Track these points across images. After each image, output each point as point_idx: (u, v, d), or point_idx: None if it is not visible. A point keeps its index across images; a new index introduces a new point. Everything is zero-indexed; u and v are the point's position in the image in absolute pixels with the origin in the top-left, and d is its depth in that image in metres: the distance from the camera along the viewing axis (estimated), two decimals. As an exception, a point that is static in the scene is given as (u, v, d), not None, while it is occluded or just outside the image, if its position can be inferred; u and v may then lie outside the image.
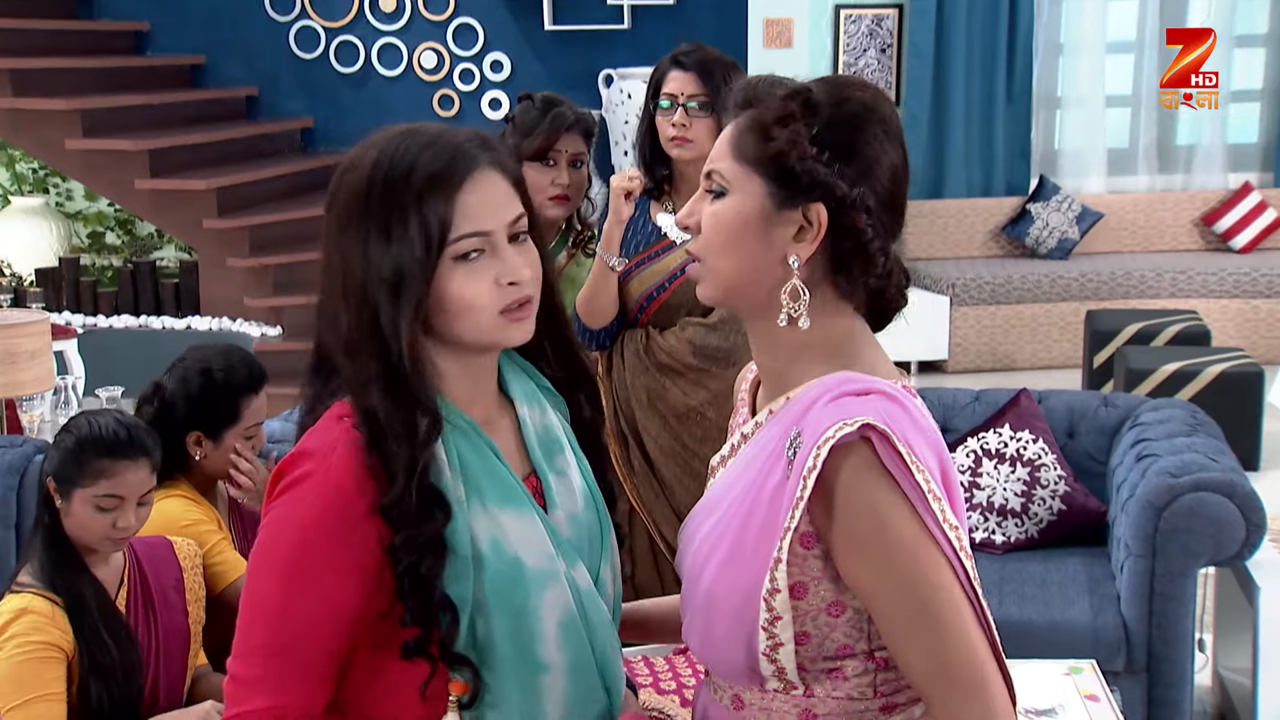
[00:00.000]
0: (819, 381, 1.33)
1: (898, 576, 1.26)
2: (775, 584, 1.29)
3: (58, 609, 2.09)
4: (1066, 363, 6.55)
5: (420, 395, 1.34)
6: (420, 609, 1.33)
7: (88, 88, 6.70)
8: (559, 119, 2.86)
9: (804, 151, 1.31)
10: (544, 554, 1.39)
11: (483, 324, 1.37)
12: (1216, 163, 7.22)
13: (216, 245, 6.44)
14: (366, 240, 1.34)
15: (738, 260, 1.36)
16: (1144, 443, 3.31)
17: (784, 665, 1.32)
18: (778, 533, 1.29)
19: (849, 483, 1.25)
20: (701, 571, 1.37)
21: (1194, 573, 3.04)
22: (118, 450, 2.14)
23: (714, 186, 1.37)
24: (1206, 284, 6.68)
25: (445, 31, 7.23)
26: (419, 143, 1.36)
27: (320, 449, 1.35)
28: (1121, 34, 7.23)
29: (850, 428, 1.24)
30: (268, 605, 1.34)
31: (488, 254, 1.36)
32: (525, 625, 1.37)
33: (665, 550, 2.87)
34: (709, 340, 2.81)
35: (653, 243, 2.86)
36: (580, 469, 1.52)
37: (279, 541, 1.35)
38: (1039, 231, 7.01)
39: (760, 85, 1.36)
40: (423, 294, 1.34)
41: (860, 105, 1.34)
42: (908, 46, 6.97)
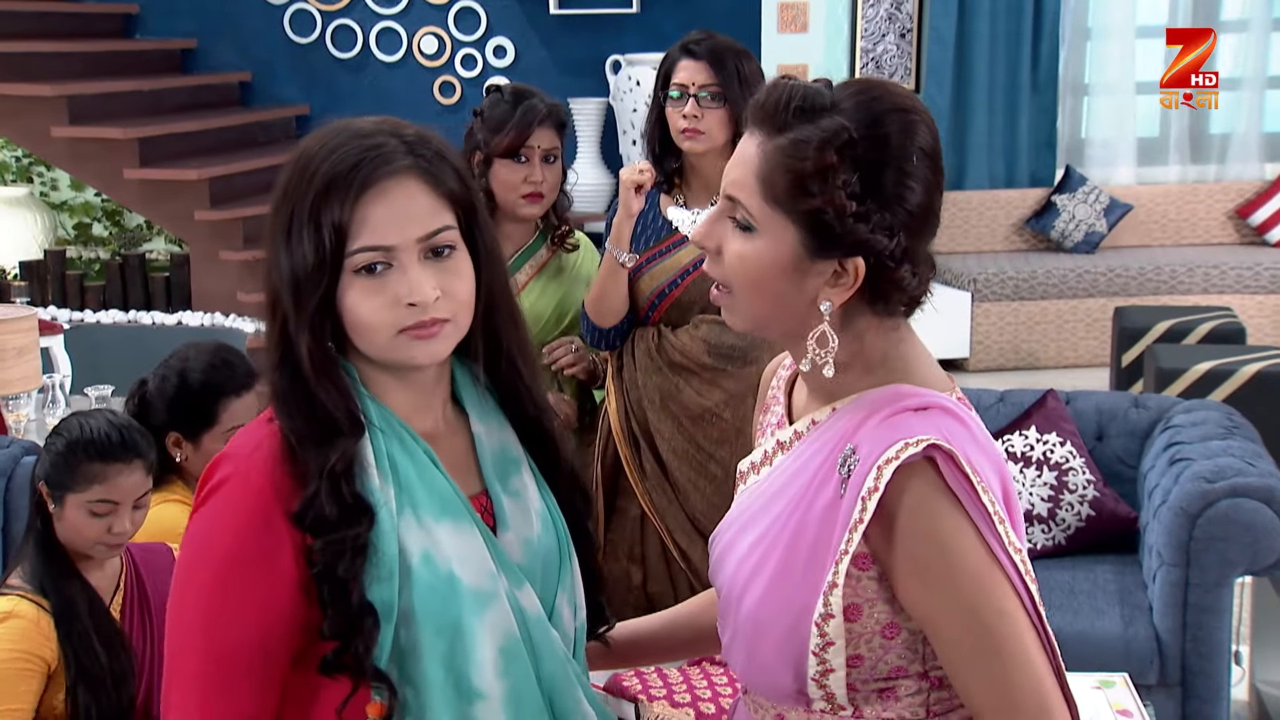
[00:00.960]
0: (872, 394, 1.32)
1: (961, 602, 1.24)
2: (829, 609, 1.27)
3: (44, 614, 2.08)
4: (1093, 361, 6.50)
5: (326, 404, 1.33)
6: (340, 617, 1.29)
7: (74, 73, 6.62)
8: (530, 113, 2.78)
9: (843, 210, 1.26)
10: (483, 572, 1.35)
11: (379, 342, 1.34)
12: (1252, 152, 7.13)
13: (209, 237, 6.37)
14: (274, 241, 1.34)
15: (767, 300, 1.33)
16: (1177, 446, 3.27)
17: (834, 690, 1.30)
18: (830, 554, 1.27)
19: (913, 506, 1.24)
20: (744, 592, 1.34)
21: (1230, 582, 3.00)
22: (110, 454, 2.13)
23: (739, 219, 1.32)
24: (1241, 279, 6.59)
25: (446, 15, 7.15)
26: (338, 140, 1.32)
27: (239, 451, 1.34)
28: (1152, 18, 7.15)
29: (915, 448, 1.23)
30: (196, 628, 1.31)
31: (393, 269, 1.32)
32: (459, 647, 1.32)
33: (678, 557, 2.81)
34: (725, 338, 2.74)
35: (664, 237, 2.82)
36: (540, 491, 1.48)
37: (199, 557, 1.33)
38: (1065, 224, 6.93)
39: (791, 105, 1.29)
40: (318, 303, 1.32)
41: (900, 134, 1.28)
42: (928, 31, 6.89)
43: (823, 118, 1.27)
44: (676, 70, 2.73)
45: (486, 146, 2.75)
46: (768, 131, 1.30)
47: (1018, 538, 1.28)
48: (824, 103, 1.29)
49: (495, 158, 2.75)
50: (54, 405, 3.78)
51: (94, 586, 2.15)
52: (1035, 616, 1.26)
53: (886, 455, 1.23)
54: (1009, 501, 1.30)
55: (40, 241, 7.26)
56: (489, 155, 2.74)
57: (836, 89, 1.31)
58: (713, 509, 2.76)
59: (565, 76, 6.98)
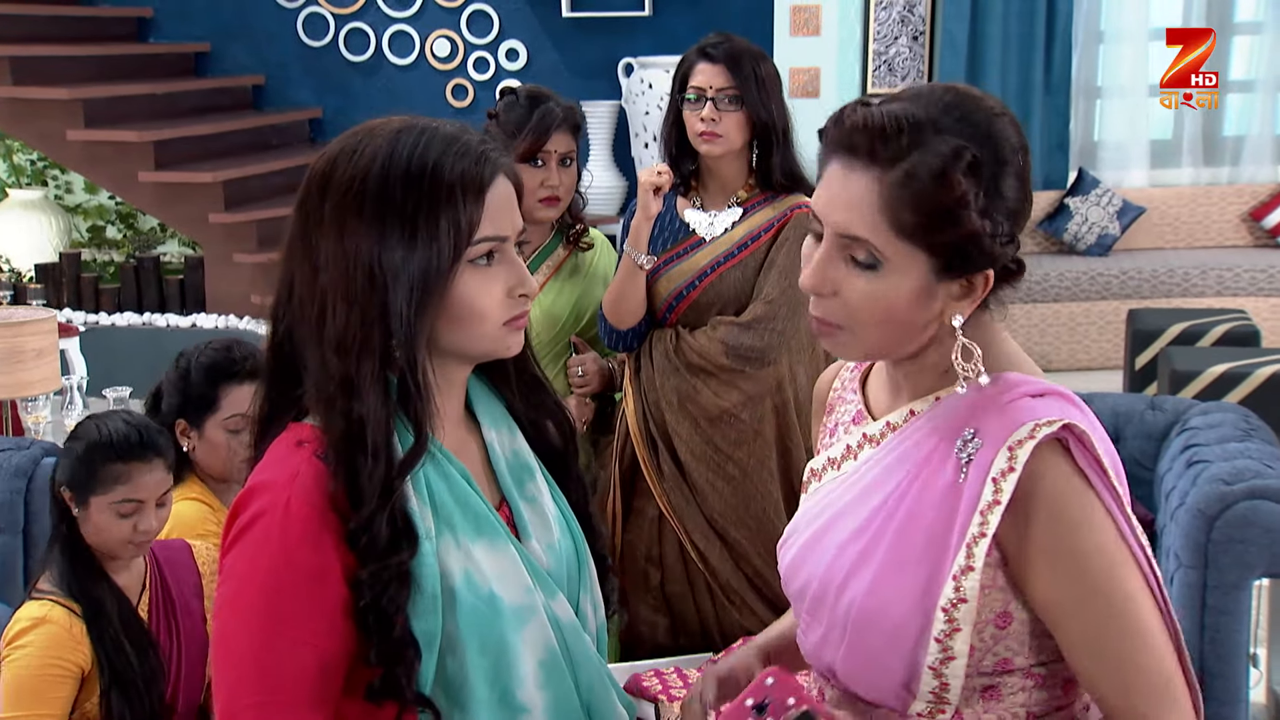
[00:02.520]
0: (981, 382, 1.30)
1: (1093, 585, 1.24)
2: (961, 593, 1.25)
3: (76, 620, 2.08)
4: (1106, 364, 6.45)
5: (421, 403, 1.30)
6: (384, 646, 1.27)
7: (89, 76, 6.66)
8: (547, 117, 2.78)
9: (980, 233, 1.26)
10: (521, 588, 1.35)
11: (488, 333, 1.34)
12: (1265, 154, 7.07)
13: (223, 240, 6.39)
14: (382, 236, 1.29)
15: (894, 331, 1.32)
16: (1194, 448, 3.20)
17: (949, 680, 1.28)
18: (952, 538, 1.26)
19: (1048, 487, 1.23)
20: (846, 584, 1.32)
21: (1248, 585, 2.93)
22: (130, 453, 2.13)
23: (863, 258, 1.29)
24: (1255, 282, 6.53)
25: (459, 18, 7.16)
26: (439, 141, 1.32)
27: (276, 481, 1.29)
28: (1166, 20, 7.06)
29: (1049, 428, 1.23)
30: (244, 661, 1.26)
31: (498, 260, 1.34)
32: (503, 665, 1.31)
33: (696, 558, 2.79)
34: (743, 340, 2.73)
35: (681, 239, 2.81)
36: (553, 494, 1.48)
37: (245, 592, 1.28)
38: (1078, 227, 6.88)
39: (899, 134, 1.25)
40: (444, 296, 1.30)
41: (1006, 140, 1.28)
42: (941, 34, 6.84)
43: (932, 142, 1.25)
44: (694, 73, 2.73)
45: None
46: (878, 164, 1.26)
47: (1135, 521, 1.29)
48: (925, 122, 1.26)
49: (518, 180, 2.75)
50: (71, 407, 3.80)
51: (121, 588, 2.16)
52: (1161, 600, 1.26)
53: (1017, 436, 1.23)
54: (1123, 485, 1.30)
55: (55, 244, 7.26)
56: None
57: (926, 102, 1.28)
58: (730, 510, 2.75)
59: (577, 79, 6.98)
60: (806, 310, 2.93)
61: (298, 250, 1.33)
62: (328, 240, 1.30)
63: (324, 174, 1.32)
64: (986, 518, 1.24)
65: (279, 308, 1.35)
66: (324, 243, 1.30)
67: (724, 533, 2.76)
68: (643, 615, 2.84)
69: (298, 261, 1.32)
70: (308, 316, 1.31)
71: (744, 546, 2.75)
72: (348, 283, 1.29)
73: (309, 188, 1.33)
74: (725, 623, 2.77)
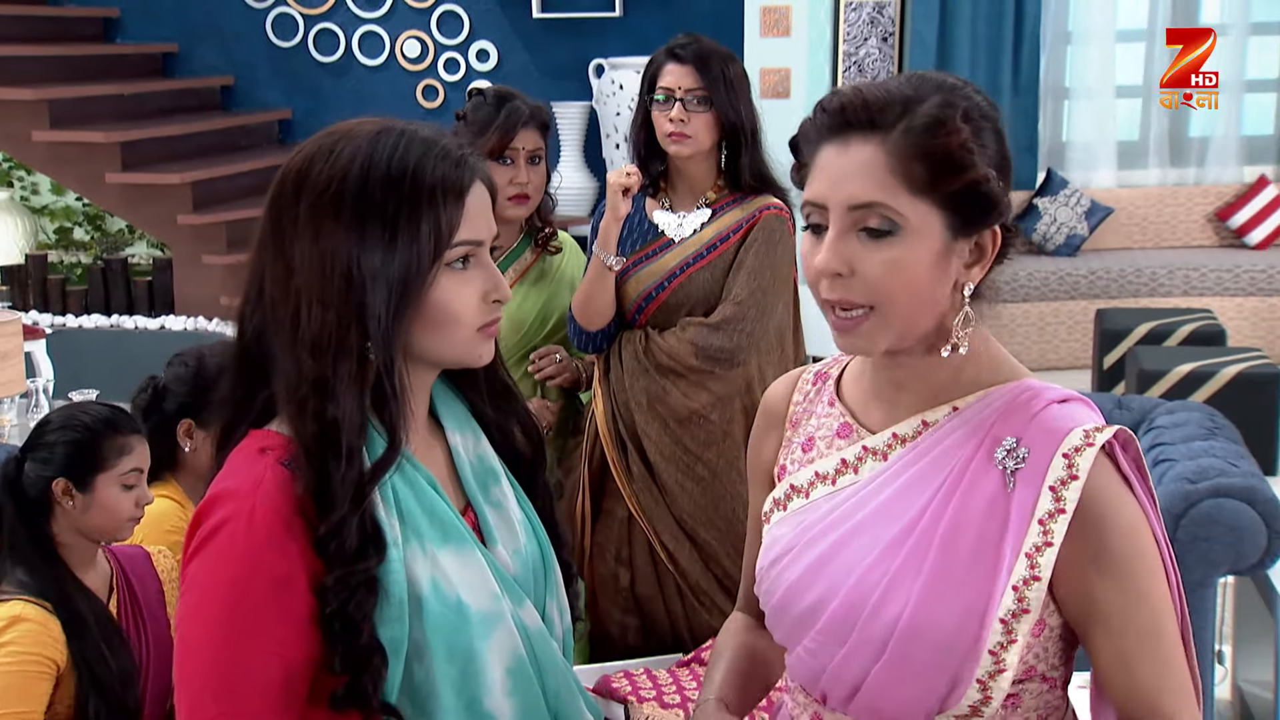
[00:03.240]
0: (1001, 390, 1.31)
1: (1138, 588, 1.25)
2: (1025, 604, 1.24)
3: (51, 617, 2.07)
4: (1075, 364, 6.48)
5: (396, 406, 1.29)
6: (351, 654, 1.25)
7: (55, 77, 6.58)
8: (513, 114, 2.79)
9: (988, 178, 1.26)
10: (488, 595, 1.33)
11: (462, 338, 1.33)
12: (1231, 155, 7.12)
13: (191, 242, 6.32)
14: (361, 237, 1.28)
15: (919, 302, 1.29)
16: (1160, 447, 3.24)
17: (993, 693, 1.26)
18: (1005, 549, 1.25)
19: (1102, 494, 1.24)
20: (885, 600, 1.28)
21: (1213, 582, 2.98)
22: (125, 425, 2.20)
23: (876, 225, 1.27)
24: (1221, 281, 6.59)
25: (429, 19, 7.12)
26: (418, 144, 1.31)
27: (240, 489, 1.27)
28: (1132, 22, 7.14)
29: (1103, 434, 1.24)
30: (206, 672, 1.24)
31: (474, 264, 1.33)
32: (471, 673, 1.30)
33: (665, 559, 2.79)
34: (712, 340, 2.73)
35: (650, 241, 2.81)
36: (518, 499, 1.47)
37: (207, 602, 1.25)
38: (1046, 227, 6.93)
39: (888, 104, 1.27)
40: (422, 299, 1.29)
41: (982, 102, 1.31)
42: (910, 35, 6.85)
43: (923, 104, 1.27)
44: (663, 74, 2.73)
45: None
46: (877, 132, 1.27)
47: None
48: (910, 94, 1.28)
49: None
50: (37, 410, 3.77)
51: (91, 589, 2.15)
52: (1178, 594, 1.28)
53: (1071, 443, 1.24)
54: None
55: (21, 246, 7.17)
56: None
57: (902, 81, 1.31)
58: (699, 510, 2.75)
59: (548, 80, 6.96)
60: (775, 311, 2.93)
61: (269, 249, 1.31)
62: (302, 240, 1.29)
63: (300, 173, 1.30)
64: (1048, 526, 1.24)
65: (248, 308, 1.33)
66: (298, 243, 1.29)
67: (693, 534, 2.76)
68: (613, 617, 2.84)
69: (269, 261, 1.31)
70: (280, 317, 1.29)
71: (714, 547, 2.75)
72: (324, 284, 1.27)
73: (282, 187, 1.31)
74: (695, 624, 2.77)
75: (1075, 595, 1.26)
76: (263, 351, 1.32)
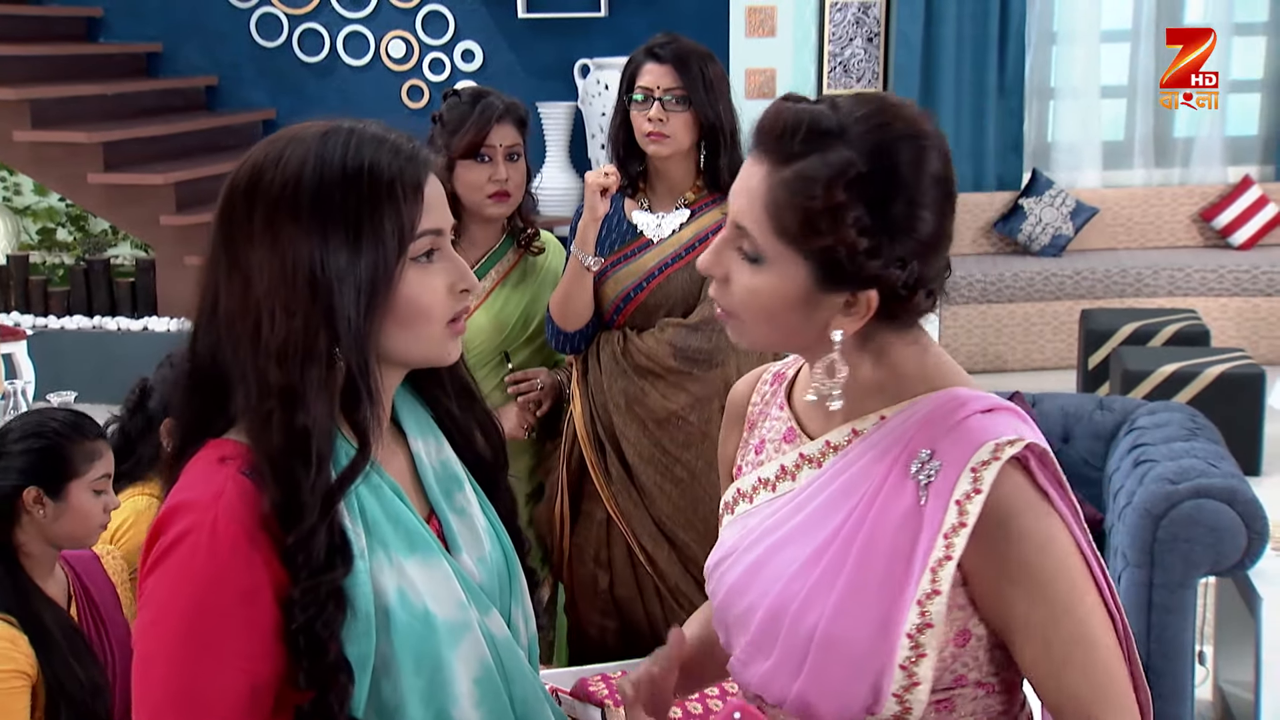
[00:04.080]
0: (928, 400, 1.29)
1: (1059, 601, 1.23)
2: (927, 618, 1.23)
3: (18, 632, 2.05)
4: (1060, 364, 6.47)
5: (371, 408, 1.27)
6: (317, 670, 1.22)
7: (37, 76, 6.56)
8: (488, 109, 2.75)
9: (854, 248, 1.23)
10: (455, 604, 1.32)
11: (432, 334, 1.32)
12: (1215, 156, 7.13)
13: (174, 242, 6.31)
14: (324, 240, 1.25)
15: (779, 330, 1.31)
16: (1141, 448, 3.25)
17: (912, 705, 1.25)
18: (915, 563, 1.23)
19: (1012, 507, 1.22)
20: (804, 610, 1.28)
21: (1194, 583, 2.98)
22: (94, 431, 2.19)
23: (747, 250, 1.29)
24: (1205, 282, 6.60)
25: (414, 19, 7.12)
26: (369, 141, 1.29)
27: (200, 500, 1.23)
28: (1117, 23, 7.14)
29: (1013, 449, 1.22)
30: (166, 689, 1.21)
31: (438, 256, 1.32)
32: (438, 684, 1.28)
33: (644, 561, 2.77)
34: (690, 341, 2.72)
35: (629, 241, 2.80)
36: (481, 505, 1.45)
37: (167, 617, 1.22)
38: (1031, 228, 6.93)
39: (797, 136, 1.25)
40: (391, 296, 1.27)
41: (910, 164, 1.24)
42: (895, 35, 6.85)
43: (831, 149, 1.23)
44: (641, 74, 2.71)
45: (448, 150, 2.70)
46: (774, 160, 1.26)
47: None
48: (832, 129, 1.24)
49: (457, 159, 2.70)
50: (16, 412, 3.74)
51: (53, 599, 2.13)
52: (1115, 607, 1.27)
53: (979, 457, 1.22)
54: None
55: (3, 247, 7.15)
56: (451, 159, 2.70)
57: (845, 110, 1.26)
58: (678, 512, 2.74)
59: (533, 80, 6.95)
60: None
61: (222, 264, 1.28)
62: (259, 249, 1.25)
63: (250, 182, 1.27)
64: (951, 541, 1.22)
65: (201, 325, 1.30)
66: (255, 252, 1.26)
67: (672, 535, 2.75)
68: (592, 619, 2.82)
69: (223, 276, 1.27)
70: (239, 331, 1.26)
71: (693, 549, 2.73)
72: (287, 290, 1.24)
73: (232, 198, 1.28)
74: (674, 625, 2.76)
75: (993, 608, 1.25)
76: (217, 369, 1.29)
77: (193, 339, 1.31)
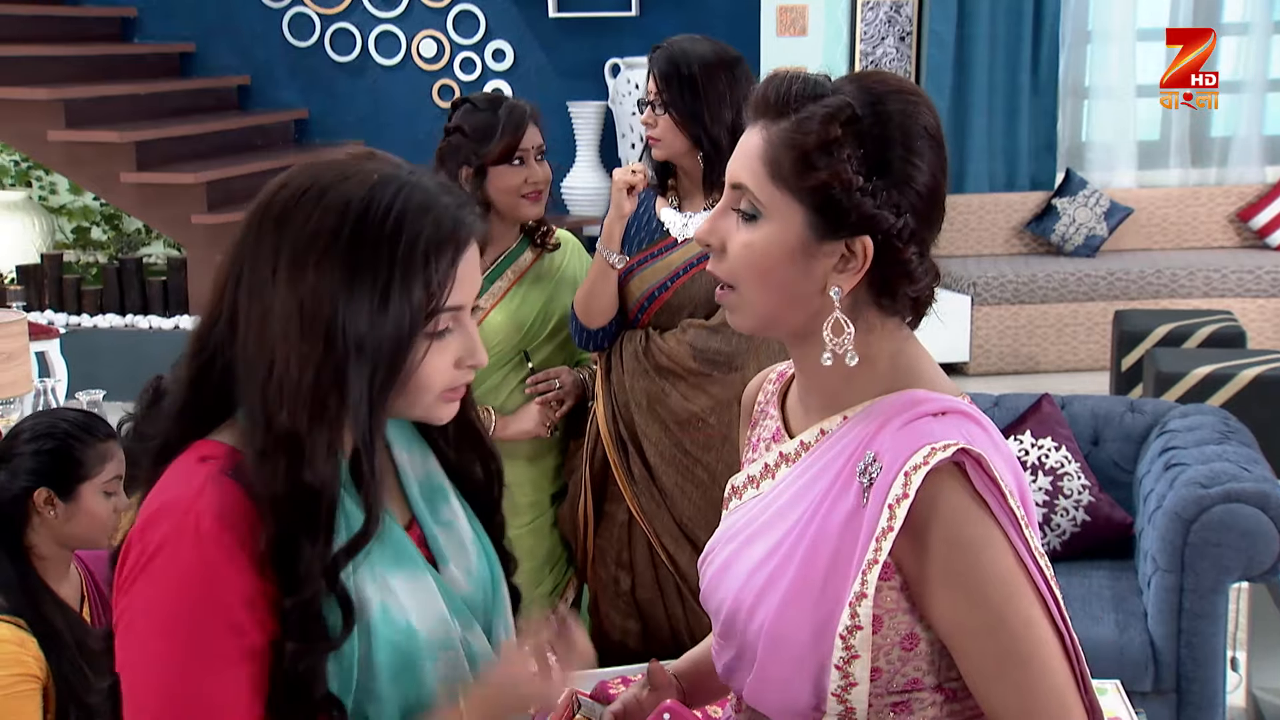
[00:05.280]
0: (886, 400, 1.29)
1: (990, 611, 1.22)
2: (857, 620, 1.23)
3: (25, 634, 2.03)
4: (1094, 365, 6.43)
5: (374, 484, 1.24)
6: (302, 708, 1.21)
7: (72, 77, 6.62)
8: (516, 112, 2.76)
9: (850, 184, 1.24)
10: (437, 618, 1.31)
11: (424, 402, 1.29)
12: (1253, 155, 7.05)
13: (206, 241, 6.33)
14: (349, 294, 1.20)
15: (775, 292, 1.30)
16: (1172, 451, 3.23)
17: (854, 705, 1.26)
18: (854, 564, 1.24)
19: (943, 513, 1.21)
20: (756, 606, 1.30)
21: (1225, 588, 2.97)
22: (102, 431, 2.17)
23: (744, 207, 1.30)
24: (1242, 283, 6.52)
25: (445, 19, 7.14)
26: (417, 199, 1.24)
27: (179, 502, 1.19)
28: (1153, 21, 7.07)
29: (944, 453, 1.20)
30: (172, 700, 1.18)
31: (454, 329, 1.28)
32: (416, 697, 1.28)
33: (666, 562, 2.77)
34: (710, 344, 2.71)
35: (656, 239, 2.79)
36: (469, 518, 1.44)
37: (155, 632, 1.18)
38: (1065, 228, 6.87)
39: (793, 90, 1.28)
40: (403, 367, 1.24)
41: (903, 114, 1.27)
42: (928, 34, 6.82)
43: (826, 98, 1.27)
44: (647, 78, 2.73)
45: (477, 158, 2.70)
46: (770, 119, 1.28)
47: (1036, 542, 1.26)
48: (825, 87, 1.28)
49: (490, 166, 2.71)
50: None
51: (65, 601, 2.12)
52: (1061, 622, 1.24)
53: (913, 461, 1.21)
54: (1026, 505, 1.28)
55: (39, 246, 7.21)
56: (482, 165, 2.70)
57: (836, 80, 1.30)
58: (699, 514, 2.72)
59: (564, 79, 6.95)
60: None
61: (244, 280, 1.23)
62: (280, 286, 1.20)
63: (283, 211, 1.22)
64: (880, 544, 1.21)
65: (211, 331, 1.26)
66: (276, 288, 1.21)
67: (694, 537, 2.73)
68: (614, 621, 2.81)
69: (244, 293, 1.23)
70: (251, 355, 1.22)
71: (715, 551, 2.72)
72: (303, 341, 1.19)
73: (262, 221, 1.23)
74: (696, 628, 2.74)
75: (930, 613, 1.24)
76: (224, 372, 1.25)
77: (198, 340, 1.27)
